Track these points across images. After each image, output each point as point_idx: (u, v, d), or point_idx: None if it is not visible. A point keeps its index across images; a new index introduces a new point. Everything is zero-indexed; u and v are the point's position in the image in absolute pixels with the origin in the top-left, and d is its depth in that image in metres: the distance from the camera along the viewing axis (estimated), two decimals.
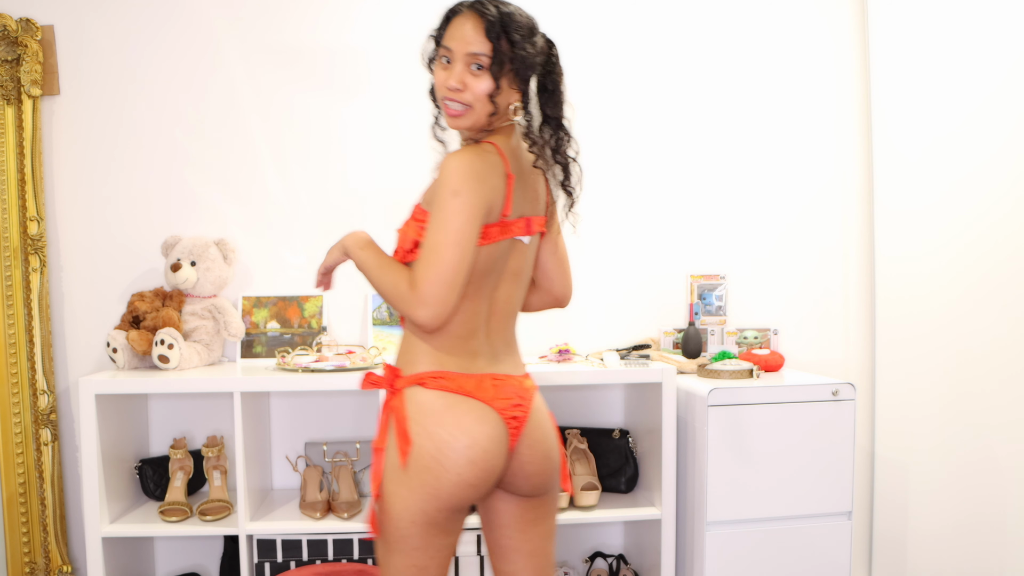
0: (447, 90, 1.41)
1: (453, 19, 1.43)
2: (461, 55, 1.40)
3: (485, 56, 1.39)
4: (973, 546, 2.23)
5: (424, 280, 1.34)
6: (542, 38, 1.47)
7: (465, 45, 1.39)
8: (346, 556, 2.25)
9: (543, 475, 1.51)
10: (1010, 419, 2.11)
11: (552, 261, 1.63)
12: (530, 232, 1.49)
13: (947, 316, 2.33)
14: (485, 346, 1.48)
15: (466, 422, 1.40)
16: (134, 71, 2.47)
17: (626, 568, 2.49)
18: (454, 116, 1.43)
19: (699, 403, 2.21)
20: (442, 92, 1.43)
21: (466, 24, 1.40)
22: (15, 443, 2.36)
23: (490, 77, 1.39)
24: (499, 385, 1.45)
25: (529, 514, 1.54)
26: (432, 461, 1.38)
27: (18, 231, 2.36)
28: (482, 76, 1.40)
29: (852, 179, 2.72)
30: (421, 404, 1.42)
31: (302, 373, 2.22)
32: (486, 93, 1.40)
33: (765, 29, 2.67)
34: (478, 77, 1.40)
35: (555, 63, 1.49)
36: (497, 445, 1.42)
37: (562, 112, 1.50)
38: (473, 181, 1.36)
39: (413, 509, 1.38)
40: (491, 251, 1.42)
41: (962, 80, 2.26)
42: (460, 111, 1.42)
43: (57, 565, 2.41)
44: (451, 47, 1.41)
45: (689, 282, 2.66)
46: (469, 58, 1.39)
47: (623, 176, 2.64)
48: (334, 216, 2.53)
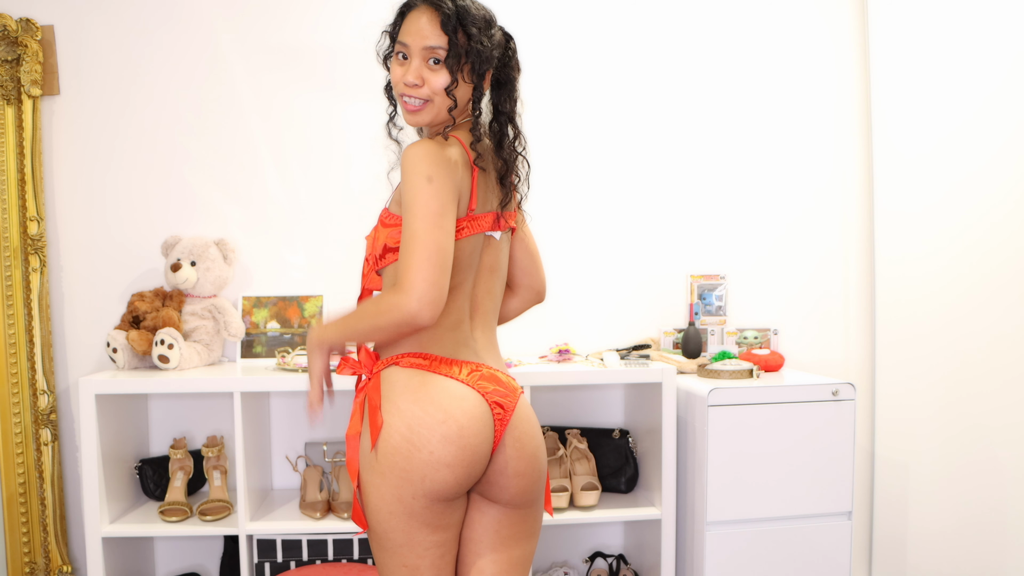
0: (404, 86, 1.39)
1: (408, 14, 1.41)
2: (418, 49, 1.38)
3: (442, 49, 1.37)
4: (973, 546, 2.23)
5: (409, 269, 1.27)
6: (499, 31, 1.45)
7: (421, 39, 1.37)
8: (346, 556, 2.25)
9: (530, 477, 1.42)
10: (1010, 419, 2.11)
11: (524, 255, 1.61)
12: (500, 228, 1.46)
13: (947, 316, 2.33)
14: (470, 339, 1.44)
15: (441, 398, 1.34)
16: (134, 71, 2.48)
17: (626, 568, 2.49)
18: (413, 112, 1.41)
19: (699, 403, 2.21)
20: (399, 88, 1.41)
21: (421, 18, 1.38)
22: (15, 443, 2.36)
23: (447, 71, 1.38)
24: (483, 373, 1.40)
25: (507, 530, 1.44)
26: (403, 440, 1.31)
27: (18, 231, 2.36)
28: (439, 70, 1.38)
29: (852, 179, 2.72)
30: (394, 383, 1.36)
31: (302, 373, 2.22)
32: (443, 87, 1.38)
33: (766, 29, 2.67)
34: (435, 71, 1.38)
35: (511, 56, 1.48)
36: (478, 425, 1.35)
37: (513, 108, 1.48)
38: (443, 166, 1.33)
39: (387, 498, 1.32)
40: (463, 246, 1.40)
41: (962, 81, 2.26)
42: (419, 106, 1.40)
43: (57, 565, 2.41)
44: (407, 42, 1.39)
45: (689, 282, 2.66)
46: (426, 52, 1.38)
47: (623, 176, 2.64)
48: (334, 216, 2.53)
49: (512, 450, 1.40)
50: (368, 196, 2.55)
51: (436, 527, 1.36)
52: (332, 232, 2.54)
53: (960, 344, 2.28)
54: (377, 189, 2.55)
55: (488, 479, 1.40)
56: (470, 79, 1.40)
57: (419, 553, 1.36)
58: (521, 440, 1.41)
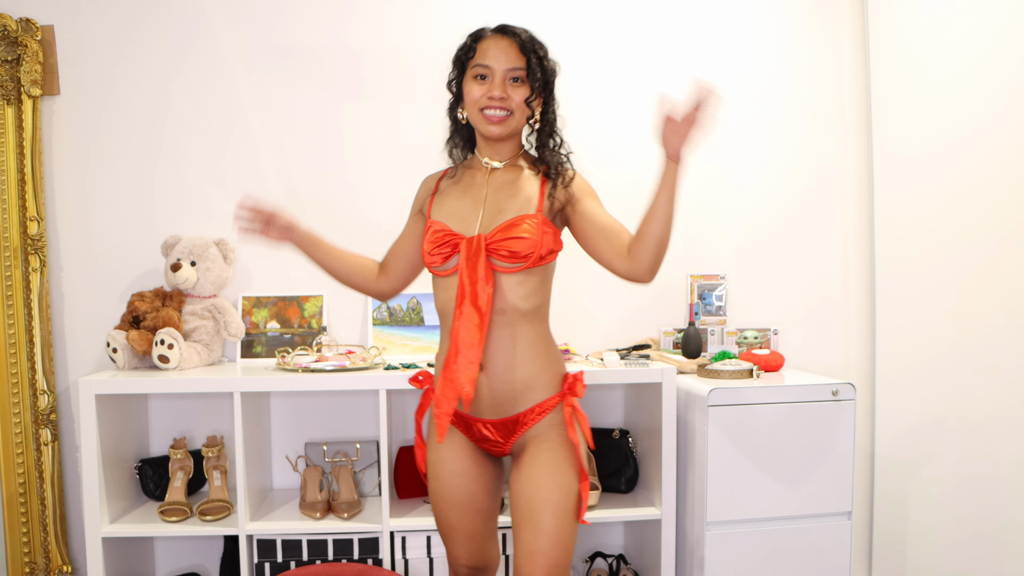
0: (488, 100, 1.64)
1: (481, 41, 1.67)
2: (501, 70, 1.65)
3: (521, 70, 1.65)
4: (973, 546, 2.23)
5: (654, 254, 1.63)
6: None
7: (506, 61, 1.65)
8: (346, 556, 2.25)
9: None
10: (1011, 420, 2.11)
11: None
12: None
13: (948, 317, 2.33)
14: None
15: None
16: (134, 71, 2.48)
17: (626, 568, 2.49)
18: (498, 122, 1.66)
19: (699, 403, 2.21)
20: (482, 103, 1.65)
21: (500, 43, 1.66)
22: (15, 443, 2.36)
23: (528, 86, 1.66)
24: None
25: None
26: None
27: (18, 231, 2.36)
28: (520, 87, 1.66)
29: (852, 179, 2.72)
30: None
31: (302, 373, 2.22)
32: (524, 99, 1.66)
33: (766, 30, 2.67)
34: (516, 88, 1.66)
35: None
36: None
37: (556, 116, 1.77)
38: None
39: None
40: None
41: (963, 81, 2.26)
42: (503, 117, 1.66)
43: (57, 565, 2.41)
44: (489, 64, 1.65)
45: (689, 282, 2.66)
46: (508, 72, 1.65)
47: (623, 176, 2.63)
48: (334, 216, 2.53)
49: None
50: (368, 196, 2.56)
51: None
52: (332, 232, 2.53)
53: (960, 344, 2.28)
54: (377, 189, 2.56)
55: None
56: (540, 95, 1.69)
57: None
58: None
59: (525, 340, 1.67)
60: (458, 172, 1.78)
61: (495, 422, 1.70)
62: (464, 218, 1.69)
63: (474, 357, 1.61)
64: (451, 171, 1.80)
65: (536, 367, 1.67)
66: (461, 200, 1.72)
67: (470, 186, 1.74)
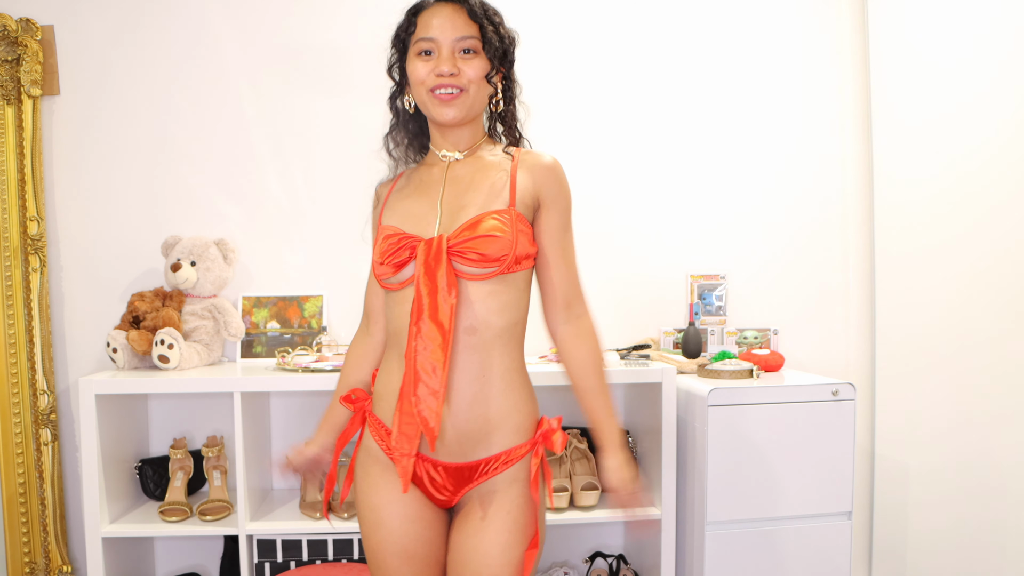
0: (437, 77, 1.38)
1: (422, 13, 1.41)
2: (448, 41, 1.38)
3: (473, 39, 1.38)
4: (973, 546, 2.23)
5: (582, 295, 1.49)
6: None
7: (452, 31, 1.38)
8: (346, 556, 2.26)
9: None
10: (1011, 419, 2.11)
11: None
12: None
13: (948, 316, 2.33)
14: None
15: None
16: (134, 71, 2.48)
17: (626, 568, 2.49)
18: (447, 101, 1.39)
19: (699, 403, 2.21)
20: (429, 82, 1.39)
21: (444, 11, 1.39)
22: (15, 443, 2.36)
23: (484, 58, 1.40)
24: None
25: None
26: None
27: (18, 231, 2.36)
28: (472, 59, 1.39)
29: (852, 179, 2.72)
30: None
31: (302, 373, 2.22)
32: (482, 74, 1.39)
33: (766, 29, 2.67)
34: (468, 61, 1.39)
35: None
36: None
37: (515, 95, 1.51)
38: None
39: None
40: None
41: (963, 80, 2.26)
42: (454, 95, 1.39)
43: (57, 565, 2.41)
44: (433, 36, 1.38)
45: (689, 282, 2.66)
46: (457, 43, 1.38)
47: (623, 176, 2.64)
48: (334, 216, 2.53)
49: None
50: (368, 196, 2.55)
51: None
52: (332, 232, 2.54)
53: (961, 344, 2.28)
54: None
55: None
56: (499, 68, 1.42)
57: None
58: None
59: (499, 368, 1.38)
60: (414, 173, 1.51)
61: (449, 466, 1.39)
62: (420, 219, 1.41)
63: (436, 385, 1.31)
64: (405, 174, 1.53)
65: (509, 403, 1.39)
66: (415, 199, 1.44)
67: (426, 183, 1.46)
